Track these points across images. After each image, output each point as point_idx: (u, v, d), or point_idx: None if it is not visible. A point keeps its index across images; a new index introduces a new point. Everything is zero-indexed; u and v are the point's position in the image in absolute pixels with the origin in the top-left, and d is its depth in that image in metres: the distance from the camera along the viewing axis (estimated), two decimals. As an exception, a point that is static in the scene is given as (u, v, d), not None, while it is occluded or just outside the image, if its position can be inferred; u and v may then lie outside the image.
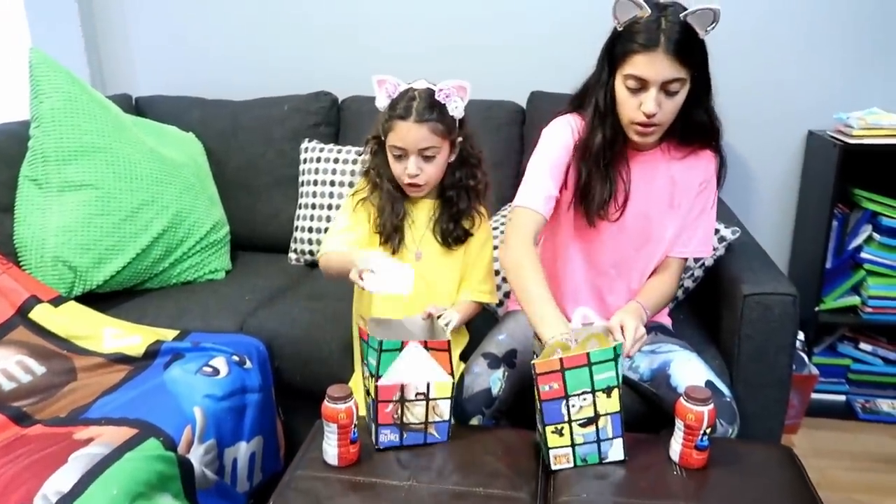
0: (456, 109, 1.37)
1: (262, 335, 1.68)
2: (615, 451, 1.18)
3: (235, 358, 1.53)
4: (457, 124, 1.40)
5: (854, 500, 1.75)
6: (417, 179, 1.38)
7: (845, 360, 2.21)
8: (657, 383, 1.36)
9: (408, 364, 1.19)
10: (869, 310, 2.08)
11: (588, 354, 1.14)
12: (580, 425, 1.17)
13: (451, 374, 1.21)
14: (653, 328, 1.49)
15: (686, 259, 1.49)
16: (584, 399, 1.16)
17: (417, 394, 1.19)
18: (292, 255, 2.18)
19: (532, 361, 1.15)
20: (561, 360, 1.14)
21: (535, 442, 1.25)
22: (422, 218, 1.47)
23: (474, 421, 1.35)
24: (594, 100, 1.31)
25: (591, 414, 1.16)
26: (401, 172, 1.39)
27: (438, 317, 1.31)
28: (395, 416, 1.20)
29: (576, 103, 1.38)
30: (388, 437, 1.20)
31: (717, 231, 1.71)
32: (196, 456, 1.32)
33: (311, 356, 1.68)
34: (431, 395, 1.20)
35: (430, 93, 1.36)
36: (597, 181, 1.35)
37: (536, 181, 1.36)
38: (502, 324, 1.53)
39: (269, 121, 2.24)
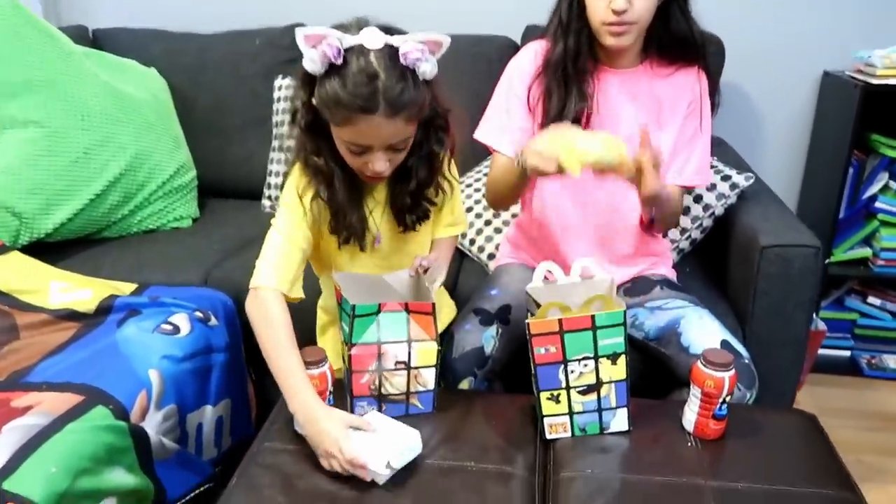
0: (428, 72, 0.98)
1: (229, 288, 1.54)
2: (618, 421, 1.06)
3: (199, 314, 1.39)
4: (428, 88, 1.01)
5: (863, 461, 1.66)
6: (385, 172, 1.04)
7: (852, 314, 2.10)
8: (666, 342, 1.23)
9: (386, 330, 1.05)
10: (881, 262, 1.96)
11: (593, 317, 1.00)
12: (579, 392, 1.04)
13: (436, 339, 1.07)
14: (657, 282, 1.36)
15: (684, 189, 1.36)
16: (585, 365, 1.03)
17: (397, 363, 1.05)
18: (266, 203, 2.02)
19: (526, 320, 1.01)
20: (560, 321, 1.00)
21: (533, 407, 1.13)
22: (379, 196, 1.16)
23: (465, 383, 1.22)
24: (557, 11, 1.27)
25: (593, 381, 1.03)
26: (360, 166, 1.04)
27: (425, 271, 1.15)
28: (372, 386, 1.06)
29: (545, 28, 1.30)
30: (364, 410, 1.07)
31: (728, 177, 1.57)
32: (153, 424, 1.19)
33: None
34: (414, 364, 1.06)
35: (390, 55, 0.95)
36: (561, 98, 1.26)
37: (496, 118, 1.32)
38: (494, 278, 1.40)
39: (239, 56, 2.04)
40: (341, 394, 1.09)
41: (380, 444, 0.96)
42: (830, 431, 1.10)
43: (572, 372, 1.03)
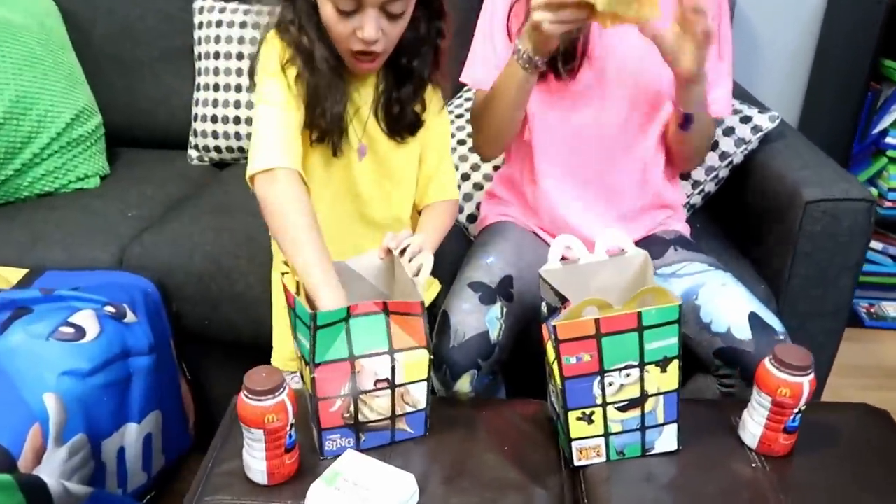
0: None
1: (151, 271, 1.23)
2: (665, 440, 0.84)
3: (110, 309, 1.08)
4: None
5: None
6: (375, 46, 0.88)
7: (851, 259, 1.94)
8: (682, 318, 1.01)
9: (359, 340, 0.78)
10: (888, 204, 1.79)
11: (639, 314, 0.76)
12: (619, 409, 0.81)
13: (428, 346, 0.80)
14: (671, 242, 1.13)
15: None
16: (628, 375, 0.79)
17: (377, 381, 0.79)
18: (192, 153, 1.68)
19: (552, 322, 0.76)
20: (597, 321, 0.76)
21: (548, 417, 0.89)
22: (365, 98, 0.98)
23: (465, 380, 0.97)
24: None
25: (637, 394, 0.80)
26: (348, 35, 0.87)
27: (402, 252, 0.88)
28: (346, 414, 0.80)
29: None
30: (337, 443, 0.81)
31: (748, 119, 1.32)
32: (53, 466, 0.90)
33: (223, 293, 1.24)
34: (399, 381, 0.80)
35: None
36: None
37: (482, 55, 1.10)
38: (485, 243, 1.13)
39: (146, -31, 1.65)
40: (307, 423, 0.83)
41: (368, 502, 0.71)
42: (839, 391, 0.91)
43: (610, 385, 0.79)
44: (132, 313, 1.12)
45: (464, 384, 0.97)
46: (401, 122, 0.98)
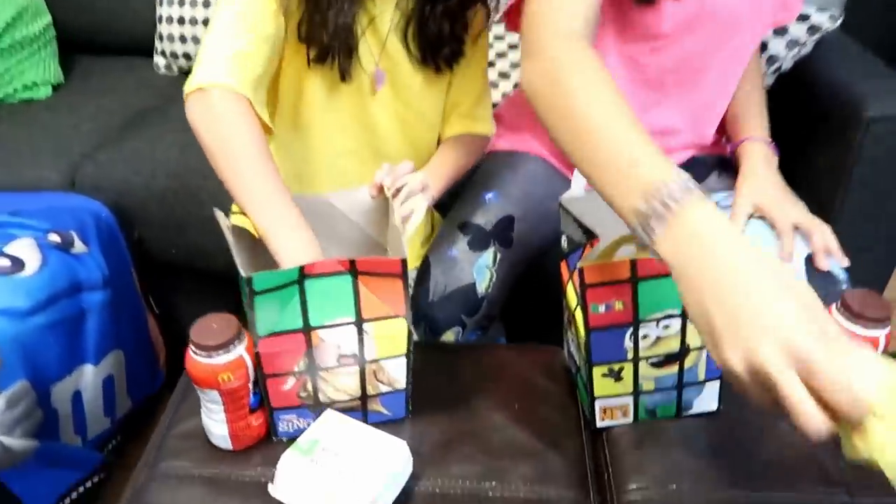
0: None
1: (106, 192, 1.09)
2: (705, 399, 0.71)
3: (55, 238, 0.94)
4: None
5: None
6: None
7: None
8: None
9: (317, 306, 0.62)
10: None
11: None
12: (653, 365, 0.67)
13: (407, 315, 0.65)
14: (713, 166, 0.98)
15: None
16: (667, 327, 0.65)
17: (342, 357, 0.64)
18: (159, 61, 1.49)
19: (578, 264, 0.62)
20: (633, 263, 0.61)
21: (566, 367, 0.76)
22: (385, 13, 0.79)
23: (449, 335, 0.84)
24: None
25: (676, 348, 0.66)
26: None
27: (396, 193, 0.71)
28: (303, 394, 0.66)
29: None
30: (293, 423, 0.67)
31: (805, 17, 1.13)
32: (-15, 421, 0.77)
33: (190, 216, 1.12)
34: (370, 356, 0.65)
35: None
36: None
37: None
38: (487, 174, 0.96)
39: None
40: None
41: (352, 476, 0.58)
42: None
43: (645, 337, 0.65)
44: (81, 242, 0.97)
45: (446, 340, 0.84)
46: (437, 48, 0.79)
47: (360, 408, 0.68)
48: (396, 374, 0.66)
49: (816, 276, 0.81)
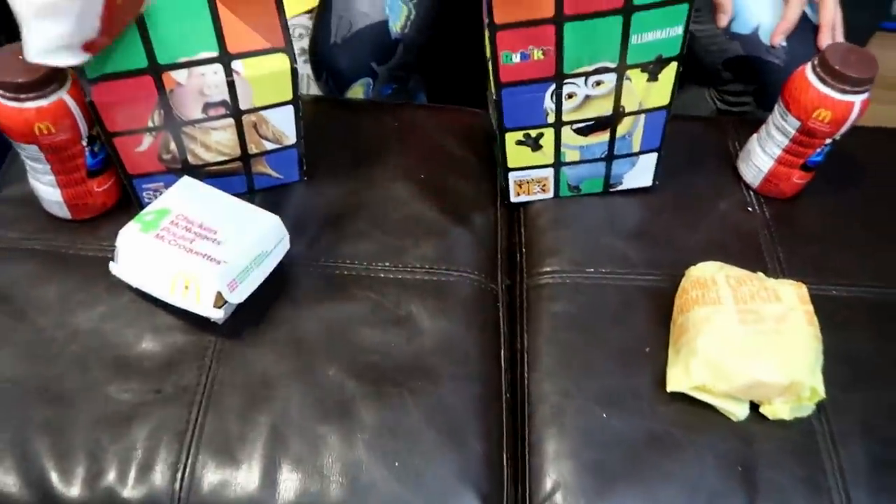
0: None
1: None
2: (638, 173, 0.61)
3: None
4: None
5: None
6: None
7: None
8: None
9: (167, 35, 0.46)
10: None
11: (629, -16, 0.46)
12: (578, 132, 0.56)
13: (288, 45, 0.50)
14: None
15: None
16: (599, 83, 0.52)
17: (208, 106, 0.51)
18: None
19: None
20: (560, -5, 0.47)
21: (489, 134, 0.65)
22: None
23: (357, 89, 0.71)
24: None
25: (608, 111, 0.55)
26: None
27: None
28: (166, 156, 0.53)
29: None
30: (160, 190, 0.56)
31: None
32: None
33: None
34: (245, 105, 0.51)
35: None
36: None
37: None
38: None
39: None
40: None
41: (206, 256, 0.49)
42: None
43: (571, 97, 0.53)
44: None
45: (355, 96, 0.71)
46: None
47: (242, 170, 0.57)
48: (283, 126, 0.54)
49: (798, 33, 0.66)
